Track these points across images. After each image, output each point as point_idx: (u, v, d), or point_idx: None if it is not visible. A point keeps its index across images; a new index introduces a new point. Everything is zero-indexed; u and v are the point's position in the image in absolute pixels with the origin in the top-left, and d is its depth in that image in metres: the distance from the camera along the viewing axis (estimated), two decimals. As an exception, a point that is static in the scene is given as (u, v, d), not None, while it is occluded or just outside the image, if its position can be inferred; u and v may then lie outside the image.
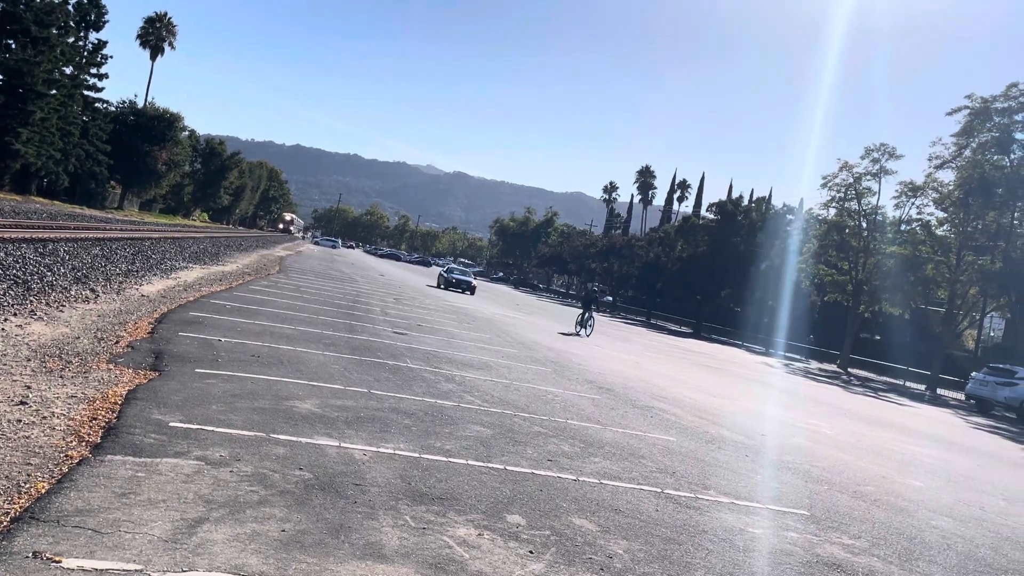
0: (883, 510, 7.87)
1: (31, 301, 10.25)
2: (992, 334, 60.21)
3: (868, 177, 44.46)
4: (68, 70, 54.87)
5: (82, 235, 22.35)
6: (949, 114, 40.60)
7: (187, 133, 79.42)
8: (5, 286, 10.71)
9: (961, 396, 35.44)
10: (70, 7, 53.50)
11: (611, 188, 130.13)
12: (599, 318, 36.44)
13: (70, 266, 14.84)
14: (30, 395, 6.09)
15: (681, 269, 64.98)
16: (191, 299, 14.66)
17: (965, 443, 17.36)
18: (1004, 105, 38.66)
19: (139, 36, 78.77)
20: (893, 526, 7.24)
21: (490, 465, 6.53)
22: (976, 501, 9.59)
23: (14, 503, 4.07)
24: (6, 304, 9.53)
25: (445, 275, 45.12)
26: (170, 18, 79.68)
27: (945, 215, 42.31)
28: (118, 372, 7.49)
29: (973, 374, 31.70)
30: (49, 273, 13.09)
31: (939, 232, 42.35)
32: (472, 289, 43.48)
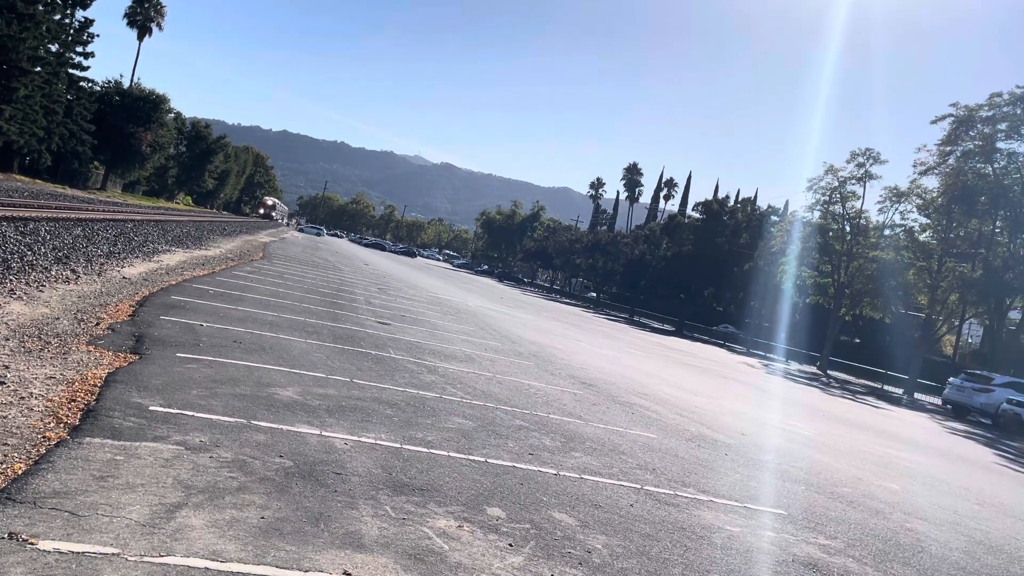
0: (859, 511, 7.95)
1: (10, 280, 10.12)
2: (970, 340, 60.89)
3: (853, 181, 44.85)
4: (53, 48, 54.05)
5: (64, 215, 22.07)
6: (934, 122, 40.89)
7: (173, 115, 78.51)
8: (-16, 264, 10.57)
9: (938, 401, 35.83)
10: (57, -17, 52.74)
11: (598, 184, 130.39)
12: (582, 314, 34.35)
13: (51, 246, 14.66)
14: (8, 375, 6.01)
15: (666, 267, 65.23)
16: (173, 283, 14.54)
17: (941, 447, 17.56)
18: (988, 114, 38.95)
19: (126, 16, 77.93)
20: (869, 527, 7.32)
21: (471, 457, 6.53)
22: (950, 505, 9.71)
23: (-10, 484, 4.03)
24: (-15, 282, 9.40)
25: None
26: (159, -2, 78.81)
27: (928, 221, 42.69)
28: (98, 354, 7.41)
29: (950, 380, 32.04)
30: (29, 252, 12.93)
31: (921, 238, 42.72)
32: None
